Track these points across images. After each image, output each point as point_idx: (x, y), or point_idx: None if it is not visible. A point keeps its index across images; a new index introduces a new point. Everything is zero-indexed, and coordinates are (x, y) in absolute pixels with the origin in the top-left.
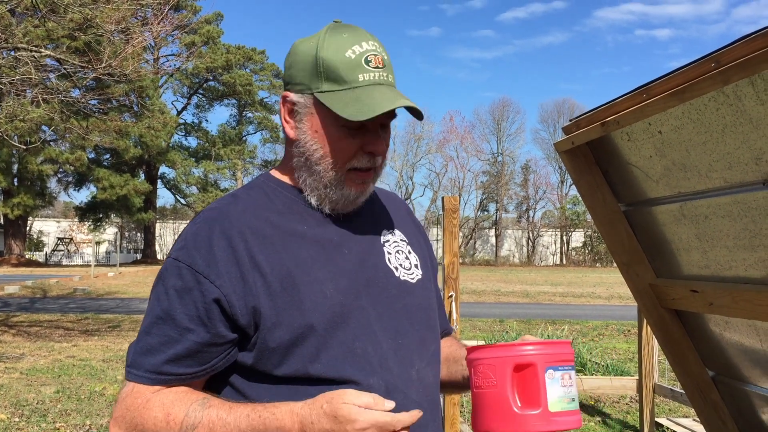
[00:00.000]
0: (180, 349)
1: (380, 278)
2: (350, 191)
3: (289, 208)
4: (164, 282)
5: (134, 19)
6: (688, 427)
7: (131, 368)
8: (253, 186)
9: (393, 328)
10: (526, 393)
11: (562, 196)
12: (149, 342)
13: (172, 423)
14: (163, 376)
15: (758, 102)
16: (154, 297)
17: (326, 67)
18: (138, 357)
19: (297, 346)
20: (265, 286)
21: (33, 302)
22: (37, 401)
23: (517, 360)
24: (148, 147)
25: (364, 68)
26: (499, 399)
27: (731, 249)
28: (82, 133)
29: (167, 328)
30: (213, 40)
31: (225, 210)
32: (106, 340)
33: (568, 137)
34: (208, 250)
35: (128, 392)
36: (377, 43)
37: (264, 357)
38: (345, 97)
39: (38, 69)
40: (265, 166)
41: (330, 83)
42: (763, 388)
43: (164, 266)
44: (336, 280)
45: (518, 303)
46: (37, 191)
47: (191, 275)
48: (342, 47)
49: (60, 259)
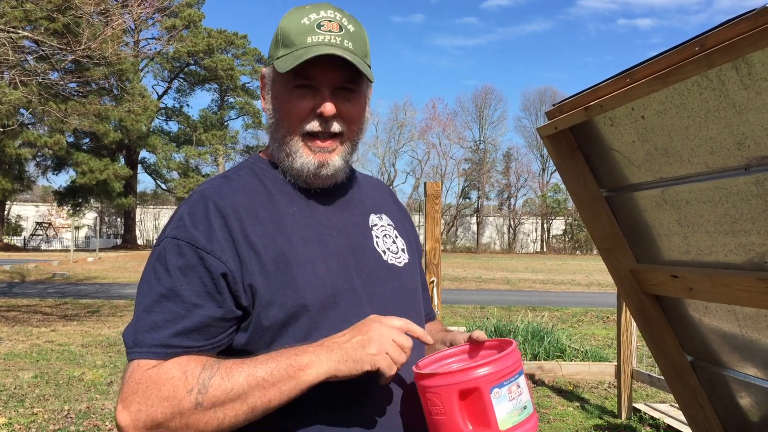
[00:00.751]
0: (188, 324)
1: (369, 261)
2: (308, 159)
3: (280, 190)
4: (163, 261)
5: (114, 1)
6: (665, 412)
7: (135, 347)
8: (243, 167)
9: (382, 310)
10: (475, 416)
11: (544, 184)
12: (153, 320)
13: (191, 377)
14: (171, 349)
15: (741, 86)
16: (152, 277)
17: (282, 35)
18: (141, 335)
19: (289, 325)
20: (260, 264)
21: (11, 287)
22: (14, 386)
23: (460, 387)
24: (128, 131)
25: (315, 32)
26: (450, 425)
27: (712, 234)
28: (60, 117)
29: (172, 305)
30: (194, 23)
31: (218, 190)
32: (85, 326)
33: (551, 122)
34: (207, 227)
35: (134, 369)
36: (341, 14)
37: (257, 336)
38: (289, 57)
39: (16, 50)
40: (247, 152)
41: (284, 49)
42: (741, 372)
43: (160, 246)
44: (327, 262)
45: (499, 290)
46: (15, 175)
47: (193, 252)
48: (300, 16)
49: (39, 243)
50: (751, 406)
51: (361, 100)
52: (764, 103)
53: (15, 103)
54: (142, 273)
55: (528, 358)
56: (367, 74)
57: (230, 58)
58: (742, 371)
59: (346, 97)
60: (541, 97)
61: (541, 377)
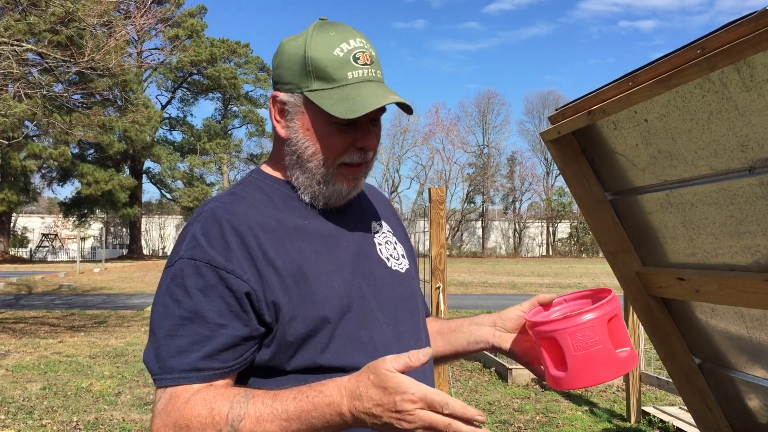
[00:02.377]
0: (216, 345)
1: (376, 269)
2: (342, 186)
3: (287, 204)
4: (180, 283)
5: (117, 13)
6: (674, 414)
7: (164, 374)
8: (249, 183)
9: (392, 316)
10: (618, 338)
11: (548, 188)
12: (178, 344)
13: (217, 417)
14: (202, 372)
15: (744, 89)
16: (169, 300)
17: (315, 66)
18: (169, 361)
19: (311, 338)
20: (280, 281)
21: (18, 299)
22: (23, 398)
23: (610, 315)
24: (132, 141)
25: (353, 65)
26: (605, 353)
27: (717, 236)
28: (65, 128)
29: (197, 327)
30: (197, 33)
31: (229, 207)
32: (92, 336)
33: (555, 126)
34: (224, 247)
35: (166, 399)
36: (364, 40)
37: (281, 351)
38: (335, 95)
39: (20, 63)
40: (251, 160)
41: (320, 82)
42: (749, 374)
43: (175, 267)
44: (340, 272)
45: (505, 294)
46: (21, 187)
47: (212, 272)
48: (330, 45)
49: (45, 255)
50: (759, 408)
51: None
52: (767, 104)
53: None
54: (156, 295)
55: None
56: (412, 109)
57: (233, 66)
58: (750, 373)
59: (375, 126)
60: (544, 100)
61: None
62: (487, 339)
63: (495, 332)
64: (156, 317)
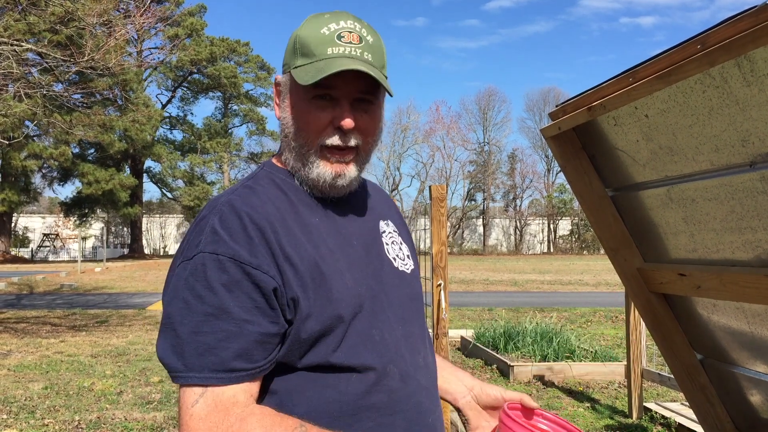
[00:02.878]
0: (245, 343)
1: (384, 268)
2: (326, 170)
3: (301, 200)
4: (203, 278)
5: (116, 12)
6: (676, 411)
7: (190, 372)
8: (262, 176)
9: (401, 316)
10: None
11: (549, 185)
12: (204, 341)
13: None
14: (234, 373)
15: (744, 83)
16: (190, 296)
17: (301, 44)
18: (194, 359)
19: (325, 336)
20: (297, 277)
21: (19, 299)
22: (25, 398)
23: None
24: (133, 141)
25: (335, 43)
26: None
27: (718, 232)
28: (65, 128)
29: (222, 323)
30: (197, 32)
31: (248, 201)
32: (94, 336)
33: (555, 123)
34: (248, 241)
35: (209, 405)
36: (360, 24)
37: (293, 348)
38: (310, 69)
39: (20, 63)
40: (251, 159)
41: (303, 58)
42: (750, 370)
43: (195, 262)
44: (352, 271)
45: (507, 291)
46: (22, 187)
47: (237, 267)
48: (319, 26)
49: (46, 255)
50: (761, 403)
51: (377, 111)
52: (767, 99)
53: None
54: (172, 290)
55: (537, 360)
56: (387, 88)
57: (233, 65)
58: (752, 368)
59: (364, 109)
60: (544, 97)
61: (550, 378)
62: (456, 397)
63: (467, 397)
64: (175, 312)
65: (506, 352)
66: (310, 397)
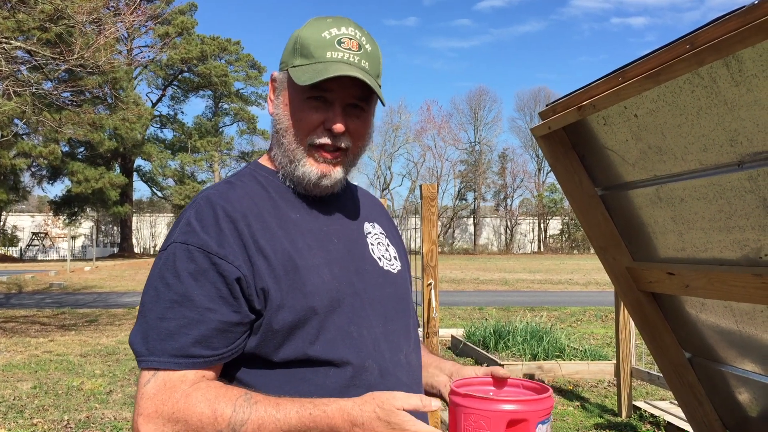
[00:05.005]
0: (204, 330)
1: (367, 267)
2: (312, 168)
3: (282, 197)
4: (172, 266)
5: (106, 10)
6: (665, 409)
7: (150, 356)
8: (245, 174)
9: (382, 314)
10: None
11: (540, 184)
12: (166, 327)
13: (220, 419)
14: (192, 359)
15: (733, 83)
16: (160, 284)
17: (301, 45)
18: (157, 343)
19: (299, 328)
20: (269, 269)
21: (8, 298)
22: (13, 397)
23: (512, 416)
24: (123, 139)
25: (335, 48)
26: None
27: (707, 231)
28: (55, 126)
29: (185, 310)
30: (187, 30)
31: (225, 195)
32: (83, 335)
33: (545, 122)
34: (217, 232)
35: (159, 385)
36: (360, 32)
37: (266, 340)
38: (308, 70)
39: (9, 61)
40: (242, 158)
41: (302, 59)
42: (738, 368)
43: (167, 252)
44: (330, 267)
45: (497, 291)
46: (11, 185)
47: (204, 257)
48: (321, 29)
49: (35, 254)
50: (749, 402)
51: (369, 118)
52: (755, 99)
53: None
54: (148, 279)
55: (527, 359)
56: (380, 97)
57: (224, 64)
58: (740, 367)
59: (356, 114)
60: (535, 97)
61: (540, 377)
62: (439, 388)
63: (448, 383)
64: (147, 300)
65: (496, 351)
66: (287, 391)
